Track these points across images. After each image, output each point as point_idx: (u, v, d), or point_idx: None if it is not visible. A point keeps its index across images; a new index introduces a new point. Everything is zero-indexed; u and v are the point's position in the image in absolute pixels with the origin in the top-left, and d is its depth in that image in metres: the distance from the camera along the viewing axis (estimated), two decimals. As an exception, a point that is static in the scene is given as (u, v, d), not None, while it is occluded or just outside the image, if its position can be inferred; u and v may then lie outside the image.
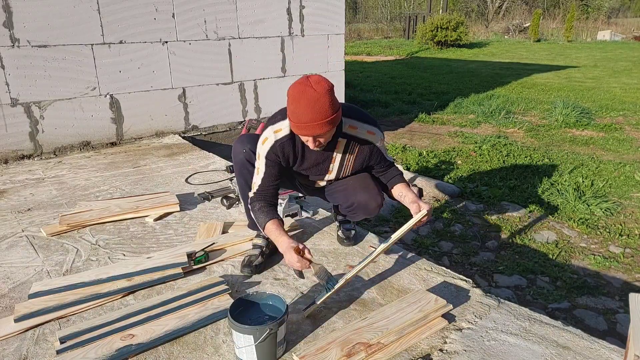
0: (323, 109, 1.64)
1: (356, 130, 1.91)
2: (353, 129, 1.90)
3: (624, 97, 8.24)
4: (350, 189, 2.08)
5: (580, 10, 26.86)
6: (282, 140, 1.86)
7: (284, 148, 1.87)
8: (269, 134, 1.87)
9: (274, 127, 1.87)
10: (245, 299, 1.66)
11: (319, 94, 1.63)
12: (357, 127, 1.91)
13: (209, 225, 2.55)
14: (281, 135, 1.85)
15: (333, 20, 5.44)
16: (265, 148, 1.87)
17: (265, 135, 1.88)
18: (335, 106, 1.68)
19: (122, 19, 4.04)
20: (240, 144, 2.02)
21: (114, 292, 1.90)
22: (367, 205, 2.07)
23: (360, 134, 1.92)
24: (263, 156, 1.89)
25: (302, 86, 1.65)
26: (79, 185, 3.25)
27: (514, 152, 5.06)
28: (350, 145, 1.94)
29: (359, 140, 1.93)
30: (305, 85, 1.65)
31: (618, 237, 3.23)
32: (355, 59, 15.44)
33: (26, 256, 2.26)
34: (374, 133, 1.94)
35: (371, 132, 1.94)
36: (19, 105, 3.75)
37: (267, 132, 1.88)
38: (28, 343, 1.65)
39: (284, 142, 1.86)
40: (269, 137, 1.87)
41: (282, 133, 1.85)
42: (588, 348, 1.60)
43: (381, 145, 2.00)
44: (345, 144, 1.92)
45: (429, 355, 1.57)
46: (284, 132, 1.85)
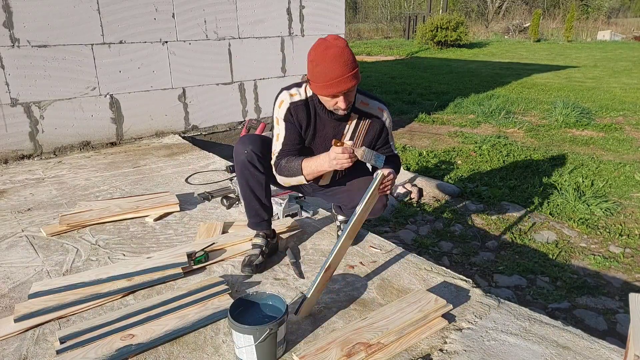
0: (349, 60, 1.68)
1: (368, 107, 1.95)
2: (365, 104, 1.94)
3: (624, 97, 8.24)
4: (355, 190, 2.07)
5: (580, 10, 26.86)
6: (297, 104, 1.88)
7: (297, 112, 1.89)
8: (285, 96, 1.89)
9: (289, 91, 1.90)
10: (245, 299, 1.66)
11: (341, 48, 1.67)
12: (369, 103, 1.95)
13: (208, 225, 2.55)
14: (297, 98, 1.88)
15: (333, 20, 5.44)
16: (283, 110, 1.89)
17: (281, 98, 1.90)
18: (356, 60, 1.72)
19: (122, 19, 4.04)
20: (241, 145, 2.02)
21: (114, 292, 1.90)
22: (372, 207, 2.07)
23: (371, 109, 1.95)
24: (281, 119, 1.90)
25: (324, 44, 1.69)
26: (79, 185, 3.25)
27: (514, 152, 5.06)
28: (361, 121, 1.96)
29: (369, 116, 1.96)
30: (326, 43, 1.69)
31: (618, 237, 3.23)
32: (355, 59, 15.43)
33: (26, 256, 2.26)
34: (383, 110, 1.98)
35: (381, 109, 1.98)
36: (19, 105, 3.75)
37: (283, 96, 1.90)
38: (28, 343, 1.65)
39: (298, 106, 1.89)
40: (284, 99, 1.89)
41: (297, 97, 1.89)
42: (588, 348, 1.60)
43: (389, 126, 2.02)
44: (357, 120, 1.95)
45: (429, 355, 1.57)
46: (299, 96, 1.88)
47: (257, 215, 2.12)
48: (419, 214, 3.63)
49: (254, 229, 2.19)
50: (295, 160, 1.90)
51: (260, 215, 2.13)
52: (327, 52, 1.67)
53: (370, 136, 2.01)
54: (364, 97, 1.95)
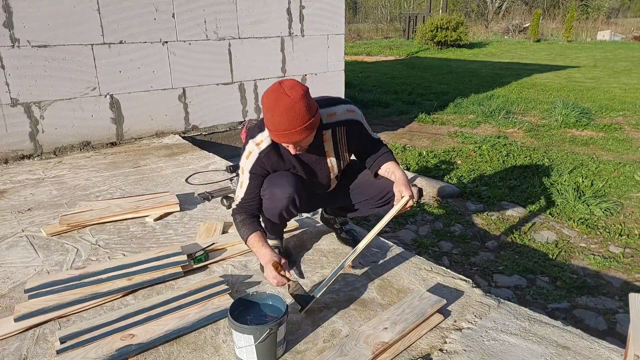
0: (299, 115, 1.60)
1: (335, 115, 1.87)
2: (331, 115, 1.86)
3: (624, 97, 8.24)
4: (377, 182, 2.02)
5: (580, 11, 26.87)
6: (266, 151, 1.83)
7: (269, 157, 1.85)
8: (252, 147, 1.84)
9: (254, 140, 1.84)
10: (245, 299, 1.66)
11: (293, 100, 1.59)
12: (335, 111, 1.87)
13: (209, 225, 2.55)
14: (264, 146, 1.83)
15: (333, 21, 5.45)
16: (250, 162, 1.85)
17: (248, 149, 1.85)
18: (312, 110, 1.64)
19: (122, 19, 4.04)
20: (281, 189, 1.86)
21: (114, 292, 1.90)
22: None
23: (340, 116, 1.87)
24: (247, 170, 1.86)
25: (275, 94, 1.61)
26: (79, 185, 3.26)
27: (513, 152, 5.06)
28: (337, 133, 1.89)
29: (342, 123, 1.88)
30: (279, 92, 1.60)
31: (618, 237, 3.23)
32: (355, 59, 15.45)
33: (26, 256, 2.26)
34: (353, 111, 1.91)
35: (350, 110, 1.90)
36: (19, 105, 3.75)
37: (250, 146, 1.85)
38: (28, 343, 1.65)
39: (269, 152, 1.84)
40: (252, 151, 1.84)
41: (264, 144, 1.83)
42: (588, 348, 1.60)
43: (364, 121, 1.95)
44: (331, 134, 1.89)
45: (429, 355, 1.57)
46: (265, 142, 1.83)
47: (277, 231, 2.19)
48: (418, 214, 3.63)
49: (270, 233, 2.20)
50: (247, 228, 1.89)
51: (279, 230, 2.20)
52: (277, 104, 1.60)
53: (354, 141, 1.94)
54: (328, 108, 1.86)
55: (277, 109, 1.60)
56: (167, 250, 2.18)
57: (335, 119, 1.87)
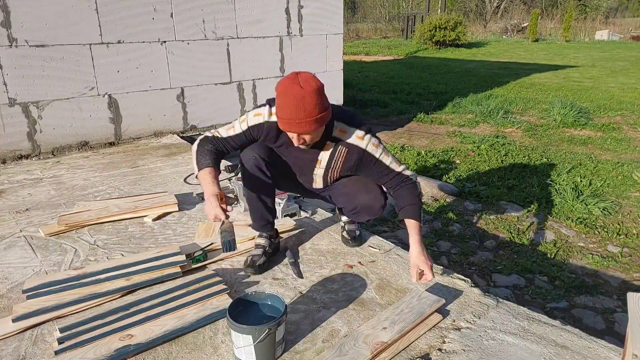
0: (308, 107, 1.64)
1: (345, 134, 1.88)
2: (342, 132, 1.88)
3: (622, 96, 8.26)
4: (353, 192, 2.07)
5: (578, 10, 26.90)
6: (272, 125, 1.88)
7: (269, 131, 1.89)
8: (265, 111, 1.88)
9: (272, 108, 1.87)
10: (244, 299, 1.66)
11: (305, 92, 1.62)
12: (347, 131, 1.88)
13: (207, 225, 2.55)
14: (274, 119, 1.86)
15: (332, 20, 5.44)
16: (253, 121, 1.89)
17: (261, 110, 1.89)
18: (322, 106, 1.66)
19: (120, 18, 4.04)
20: (249, 150, 1.99)
21: (112, 292, 1.90)
22: (371, 207, 2.07)
23: (348, 137, 1.88)
24: (246, 124, 1.91)
25: (289, 82, 1.65)
26: (77, 185, 3.25)
27: (512, 152, 5.06)
28: (337, 149, 1.91)
29: (347, 145, 1.89)
30: (293, 81, 1.64)
31: (616, 236, 3.23)
32: (353, 59, 15.44)
33: (24, 256, 2.26)
34: (362, 138, 1.88)
35: (360, 137, 1.88)
36: (17, 105, 3.74)
37: (265, 109, 1.89)
38: (26, 343, 1.65)
39: (272, 127, 1.88)
40: (263, 113, 1.88)
41: (274, 117, 1.86)
42: (586, 347, 1.60)
43: (373, 151, 1.90)
44: (333, 148, 1.90)
45: (428, 355, 1.58)
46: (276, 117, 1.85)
47: (262, 218, 2.14)
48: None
49: (259, 230, 2.20)
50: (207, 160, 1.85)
51: (265, 217, 2.14)
52: (289, 90, 1.63)
53: (348, 165, 1.96)
54: (344, 124, 1.86)
55: (288, 96, 1.64)
56: (166, 251, 2.17)
57: (344, 138, 1.89)
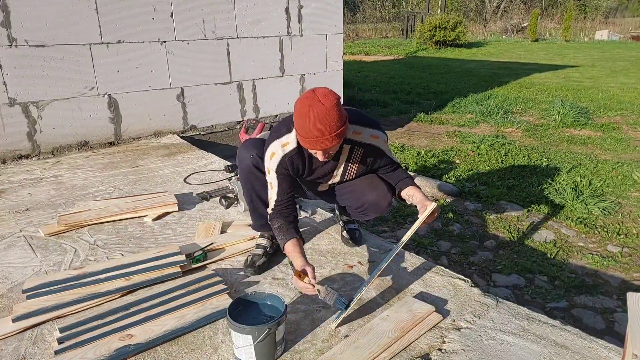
0: (332, 122, 1.63)
1: (360, 136, 1.89)
2: (357, 134, 1.89)
3: (622, 96, 8.26)
4: (359, 190, 2.07)
5: (578, 10, 26.90)
6: (290, 154, 1.84)
7: (293, 162, 1.86)
8: (276, 148, 1.85)
9: (280, 140, 1.85)
10: (244, 299, 1.66)
11: (327, 108, 1.62)
12: (361, 132, 1.89)
13: (207, 225, 2.55)
14: (289, 149, 1.84)
15: (331, 20, 5.44)
16: (275, 162, 1.85)
17: (272, 149, 1.86)
18: (342, 119, 1.67)
19: (120, 18, 4.04)
20: (246, 150, 1.99)
21: (112, 292, 1.90)
22: (377, 204, 2.06)
23: (364, 138, 1.90)
24: (273, 171, 1.87)
25: (310, 100, 1.63)
26: (77, 185, 3.25)
27: (512, 152, 5.06)
28: (354, 150, 1.92)
29: (363, 145, 1.91)
30: (313, 99, 1.63)
31: (616, 236, 3.23)
32: (353, 59, 15.44)
33: (24, 256, 2.26)
34: (377, 137, 1.92)
35: (375, 136, 1.92)
36: (17, 105, 3.74)
37: (275, 147, 1.85)
38: (26, 343, 1.65)
39: (293, 156, 1.85)
40: (276, 151, 1.85)
41: (289, 147, 1.84)
42: (586, 347, 1.60)
43: (386, 148, 1.98)
44: (349, 150, 1.91)
45: (428, 355, 1.58)
46: (292, 145, 1.83)
47: (262, 217, 2.13)
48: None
49: (259, 230, 2.19)
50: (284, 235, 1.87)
51: (265, 216, 2.13)
52: (311, 109, 1.62)
53: (365, 165, 1.98)
54: (357, 126, 1.88)
55: (311, 115, 1.62)
56: (166, 250, 2.17)
57: (358, 139, 1.89)
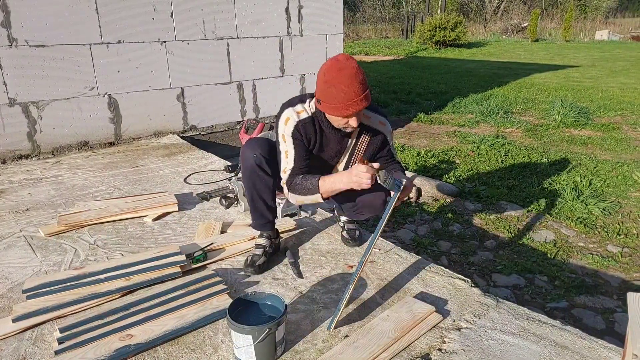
0: (363, 81, 1.68)
1: (369, 120, 1.92)
2: (366, 117, 1.91)
3: (622, 96, 8.26)
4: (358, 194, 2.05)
5: (578, 10, 26.90)
6: (304, 121, 1.85)
7: (306, 129, 1.86)
8: (291, 113, 1.84)
9: (294, 108, 1.85)
10: (244, 299, 1.66)
11: (355, 68, 1.66)
12: (370, 116, 1.92)
13: (207, 225, 2.55)
14: (304, 116, 1.85)
15: (332, 20, 5.44)
16: (290, 127, 1.84)
17: (286, 115, 1.85)
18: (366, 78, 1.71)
19: (120, 18, 4.04)
20: (250, 149, 1.97)
21: (112, 292, 1.90)
22: (372, 204, 2.06)
23: (372, 123, 1.93)
24: (289, 135, 1.84)
25: (337, 65, 1.67)
26: (77, 185, 3.25)
27: (512, 152, 5.06)
28: (362, 135, 1.94)
29: (371, 130, 1.94)
30: (339, 64, 1.66)
31: (616, 236, 3.23)
32: (353, 59, 15.42)
33: (24, 256, 2.26)
34: (384, 124, 1.96)
35: (382, 123, 1.95)
36: (17, 105, 3.74)
37: (288, 112, 1.85)
38: (26, 343, 1.65)
39: (306, 123, 1.86)
40: (290, 117, 1.84)
41: (304, 114, 1.85)
42: (586, 347, 1.60)
43: (390, 138, 2.00)
44: (357, 133, 1.93)
45: (428, 355, 1.57)
46: (306, 113, 1.85)
47: (263, 216, 2.13)
48: (417, 214, 3.63)
49: (259, 229, 2.19)
50: (311, 178, 1.82)
51: (266, 216, 2.14)
52: (341, 73, 1.64)
53: (371, 149, 2.00)
54: (366, 110, 1.89)
55: (342, 78, 1.65)
56: (166, 251, 2.17)
57: (367, 123, 1.92)
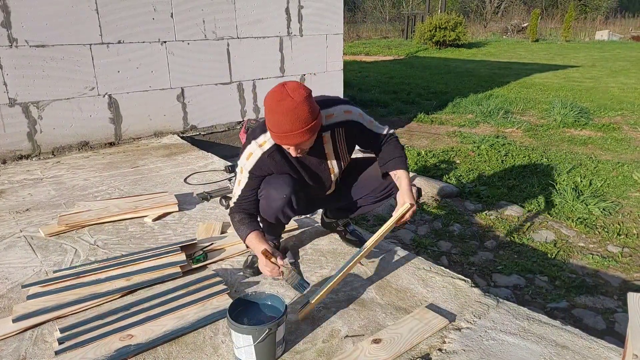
0: (302, 117, 1.60)
1: (333, 117, 1.86)
2: (330, 117, 1.86)
3: (622, 96, 8.26)
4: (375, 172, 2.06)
5: (579, 10, 26.90)
6: (269, 152, 1.82)
7: (273, 158, 1.84)
8: (254, 148, 1.83)
9: (257, 141, 1.83)
10: (244, 299, 1.66)
11: (296, 102, 1.59)
12: (333, 112, 1.87)
13: (207, 225, 2.55)
14: (267, 146, 1.82)
15: (332, 21, 5.44)
16: (251, 163, 1.84)
17: (250, 150, 1.84)
18: (314, 113, 1.65)
19: (120, 18, 4.04)
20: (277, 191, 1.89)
21: (113, 292, 1.90)
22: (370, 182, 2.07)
23: (338, 117, 1.87)
24: (247, 170, 1.86)
25: (278, 95, 1.60)
26: (77, 185, 3.25)
27: (512, 152, 5.06)
28: (335, 134, 1.90)
29: (340, 124, 1.88)
30: (282, 94, 1.60)
31: (616, 236, 3.23)
32: (353, 59, 15.44)
33: (24, 257, 2.26)
34: (350, 111, 1.90)
35: (348, 111, 1.90)
36: (17, 105, 3.74)
37: (252, 147, 1.83)
38: (27, 344, 1.65)
39: (272, 153, 1.83)
40: (254, 152, 1.83)
41: (267, 145, 1.82)
42: (587, 347, 1.60)
43: (362, 119, 1.93)
44: (330, 135, 1.89)
45: (428, 355, 1.57)
46: (269, 143, 1.82)
47: (276, 233, 2.17)
48: (417, 214, 3.63)
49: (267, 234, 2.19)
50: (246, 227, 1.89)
51: (278, 233, 2.18)
52: (280, 105, 1.59)
53: (352, 141, 1.96)
54: (326, 109, 1.85)
55: (280, 110, 1.60)
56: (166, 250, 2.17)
57: (334, 120, 1.87)
